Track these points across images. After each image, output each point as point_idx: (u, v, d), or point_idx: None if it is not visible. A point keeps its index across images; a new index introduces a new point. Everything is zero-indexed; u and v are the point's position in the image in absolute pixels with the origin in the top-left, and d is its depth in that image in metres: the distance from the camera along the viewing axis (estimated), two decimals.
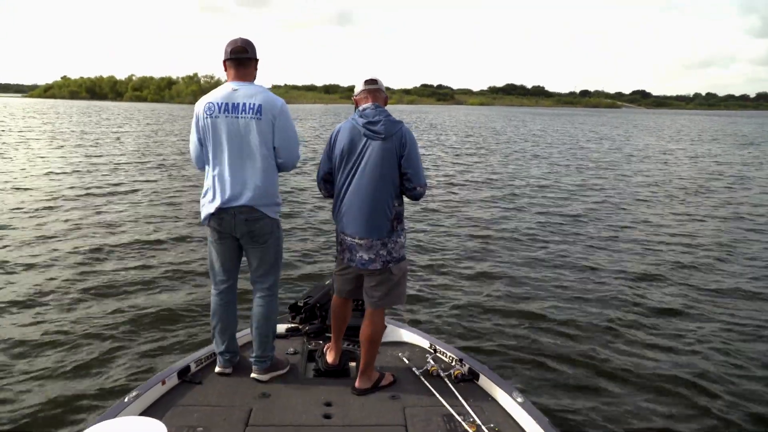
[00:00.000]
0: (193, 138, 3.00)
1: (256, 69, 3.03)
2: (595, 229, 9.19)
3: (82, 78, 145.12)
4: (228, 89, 2.91)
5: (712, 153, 24.93)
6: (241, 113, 2.86)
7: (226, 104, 2.87)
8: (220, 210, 2.91)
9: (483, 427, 2.62)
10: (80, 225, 8.56)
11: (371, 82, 2.99)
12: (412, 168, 2.87)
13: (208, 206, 2.95)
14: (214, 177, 2.92)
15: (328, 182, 3.09)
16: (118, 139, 24.68)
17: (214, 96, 2.92)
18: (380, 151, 2.84)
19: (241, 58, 2.93)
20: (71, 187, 11.88)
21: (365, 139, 2.86)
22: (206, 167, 2.96)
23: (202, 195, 2.99)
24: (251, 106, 2.86)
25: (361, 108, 2.96)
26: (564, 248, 7.93)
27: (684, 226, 9.66)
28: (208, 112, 2.89)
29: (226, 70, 2.97)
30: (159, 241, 7.81)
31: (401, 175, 2.89)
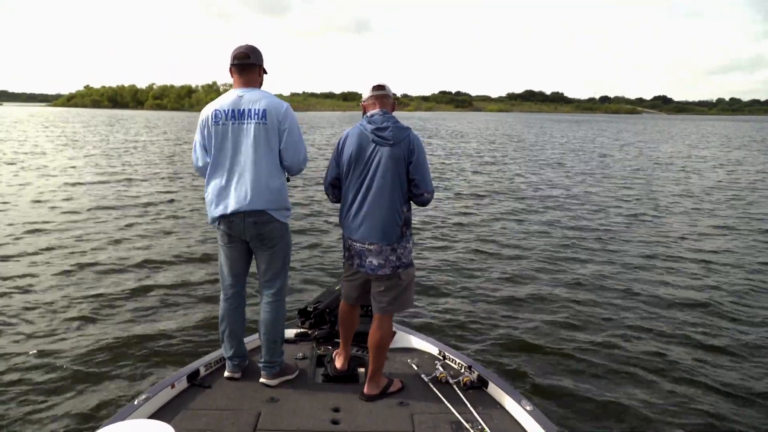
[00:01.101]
0: (198, 145, 3.03)
1: (261, 75, 3.05)
2: (614, 239, 9.03)
3: (104, 87, 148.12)
4: (233, 96, 2.95)
5: (749, 161, 24.24)
6: (247, 119, 2.90)
7: (233, 111, 2.91)
8: (229, 214, 2.93)
9: None
10: (91, 231, 8.66)
11: (379, 87, 2.99)
12: (419, 174, 2.87)
13: (216, 210, 2.97)
14: (222, 183, 2.95)
15: (335, 187, 3.10)
16: (138, 148, 25.02)
17: (220, 103, 2.95)
18: (389, 157, 2.84)
19: (245, 64, 2.96)
20: (89, 195, 12.12)
21: (374, 145, 2.87)
22: (213, 173, 2.98)
23: (210, 201, 3.00)
24: (256, 111, 2.89)
25: (369, 114, 2.97)
26: (577, 257, 7.82)
27: (715, 241, 9.36)
28: (214, 120, 2.93)
29: (232, 76, 3.02)
30: (170, 246, 7.89)
31: (409, 181, 2.89)
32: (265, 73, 3.09)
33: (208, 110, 2.98)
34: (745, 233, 9.61)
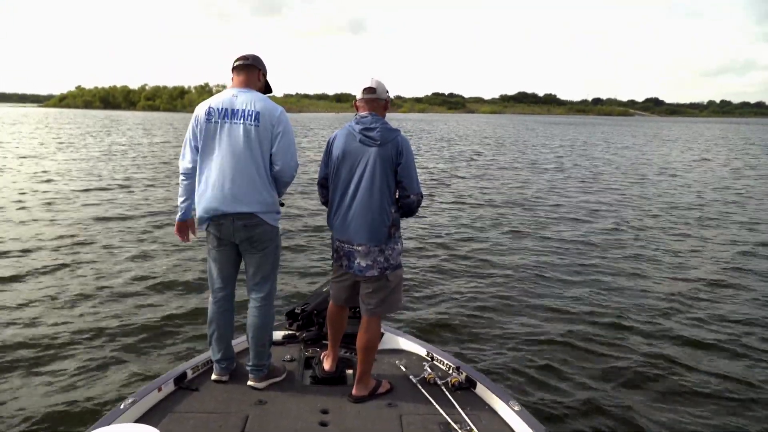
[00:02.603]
0: (188, 142, 3.01)
1: (259, 80, 3.07)
2: (604, 242, 9.07)
3: (96, 88, 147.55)
4: (228, 95, 2.94)
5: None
6: (240, 119, 2.89)
7: (226, 110, 2.90)
8: (218, 216, 2.92)
9: None
10: (77, 234, 8.58)
11: (368, 91, 2.96)
12: (407, 176, 2.87)
13: (205, 212, 2.95)
14: (212, 182, 2.92)
15: (324, 187, 3.10)
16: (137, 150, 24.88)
17: (215, 101, 2.95)
18: (376, 158, 2.84)
19: (244, 65, 2.98)
20: (76, 199, 12.04)
21: (361, 145, 2.87)
22: (202, 172, 2.96)
23: (198, 200, 2.99)
24: (250, 112, 2.89)
25: (358, 115, 2.97)
26: (567, 260, 7.85)
27: (700, 244, 9.47)
28: (207, 117, 2.92)
29: (233, 80, 3.04)
30: (157, 248, 7.84)
31: (396, 182, 2.89)
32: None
33: (202, 107, 2.96)
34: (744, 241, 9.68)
